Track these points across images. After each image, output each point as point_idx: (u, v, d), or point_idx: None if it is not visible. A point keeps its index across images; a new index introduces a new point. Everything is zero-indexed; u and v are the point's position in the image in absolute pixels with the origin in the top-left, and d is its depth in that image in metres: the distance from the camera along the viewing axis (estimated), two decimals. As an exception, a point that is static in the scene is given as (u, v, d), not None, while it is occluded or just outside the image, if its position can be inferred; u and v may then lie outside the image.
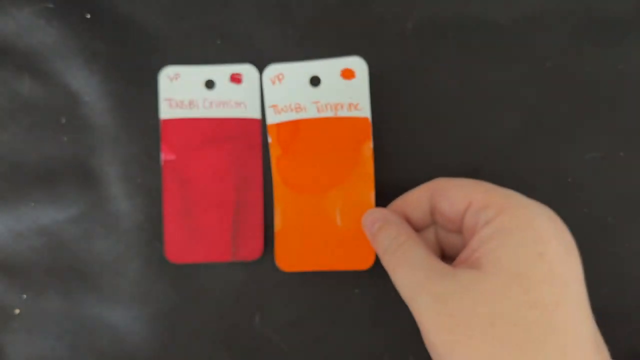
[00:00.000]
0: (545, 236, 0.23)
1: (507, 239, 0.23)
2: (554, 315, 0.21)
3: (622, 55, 0.32)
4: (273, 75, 0.31)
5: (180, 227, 0.33)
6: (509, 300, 0.22)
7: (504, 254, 0.22)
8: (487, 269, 0.23)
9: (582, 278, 0.23)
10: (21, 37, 0.33)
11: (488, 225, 0.24)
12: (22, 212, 0.33)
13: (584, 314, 0.22)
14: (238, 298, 0.33)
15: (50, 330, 0.34)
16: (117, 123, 0.33)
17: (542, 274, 0.22)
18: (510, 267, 0.22)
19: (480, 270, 0.23)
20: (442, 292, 0.23)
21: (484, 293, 0.22)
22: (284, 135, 0.32)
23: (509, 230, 0.23)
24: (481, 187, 0.25)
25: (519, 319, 0.21)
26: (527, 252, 0.22)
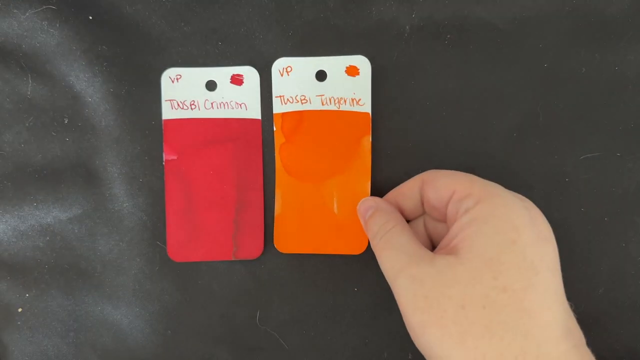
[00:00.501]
0: (519, 224, 0.24)
1: (483, 226, 0.24)
2: (523, 300, 0.22)
3: (620, 56, 0.32)
4: (282, 67, 0.32)
5: (182, 227, 0.33)
6: (480, 284, 0.23)
7: (478, 240, 0.24)
8: (462, 254, 0.24)
9: (556, 266, 0.24)
10: (24, 39, 0.33)
11: (467, 213, 0.25)
12: (25, 212, 0.34)
13: (554, 299, 0.23)
14: (239, 296, 0.34)
15: (53, 329, 0.34)
16: (120, 123, 0.33)
17: (513, 260, 0.23)
18: (484, 252, 0.23)
19: (456, 256, 0.24)
20: (419, 274, 0.24)
21: (457, 277, 0.23)
22: (288, 125, 0.33)
23: (485, 219, 0.24)
24: (465, 178, 0.26)
25: (488, 302, 0.22)
26: (500, 239, 0.23)
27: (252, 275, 0.33)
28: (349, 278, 0.33)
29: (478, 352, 0.22)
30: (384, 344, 0.33)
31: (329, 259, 0.33)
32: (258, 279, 0.33)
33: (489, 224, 0.24)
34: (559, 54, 0.32)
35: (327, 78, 0.32)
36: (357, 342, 0.33)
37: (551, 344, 0.22)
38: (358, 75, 0.32)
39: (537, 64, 0.33)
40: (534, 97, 0.33)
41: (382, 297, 0.33)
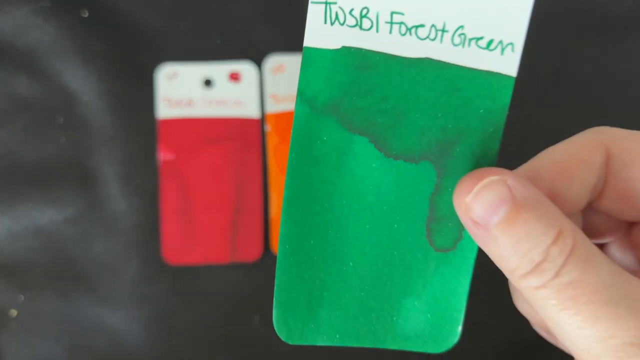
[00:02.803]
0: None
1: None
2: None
3: (623, 55, 0.33)
4: (274, 66, 0.32)
5: (178, 228, 0.33)
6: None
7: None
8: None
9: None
10: (18, 36, 0.33)
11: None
12: (19, 213, 0.33)
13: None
14: (237, 299, 0.33)
15: (47, 332, 0.34)
16: (115, 122, 0.33)
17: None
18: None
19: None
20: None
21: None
22: (282, 125, 0.32)
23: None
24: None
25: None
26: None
27: (251, 278, 0.33)
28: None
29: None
30: (386, 347, 0.33)
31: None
32: (257, 281, 0.33)
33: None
34: (563, 52, 0.33)
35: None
36: (358, 346, 0.33)
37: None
38: None
39: (542, 63, 0.33)
40: (537, 97, 0.33)
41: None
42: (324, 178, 0.17)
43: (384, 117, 0.17)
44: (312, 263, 0.18)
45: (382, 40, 0.16)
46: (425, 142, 0.17)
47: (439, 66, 0.16)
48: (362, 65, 0.17)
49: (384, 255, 0.18)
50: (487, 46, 0.16)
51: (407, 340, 0.18)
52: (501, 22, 0.16)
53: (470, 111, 0.17)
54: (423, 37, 0.16)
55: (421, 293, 0.18)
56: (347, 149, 0.17)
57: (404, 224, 0.18)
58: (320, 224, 0.18)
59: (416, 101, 0.17)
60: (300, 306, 0.19)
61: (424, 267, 0.18)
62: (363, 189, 0.17)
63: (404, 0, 0.16)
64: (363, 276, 0.18)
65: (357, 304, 0.18)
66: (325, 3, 0.16)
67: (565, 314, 0.14)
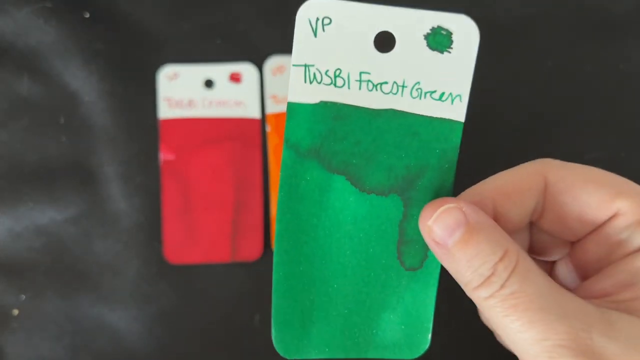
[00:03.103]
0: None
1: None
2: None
3: (623, 55, 0.32)
4: (274, 67, 0.32)
5: (179, 228, 0.33)
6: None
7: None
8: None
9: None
10: (20, 37, 0.33)
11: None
12: (20, 213, 0.33)
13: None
14: (238, 298, 0.33)
15: (49, 331, 0.34)
16: (116, 123, 0.33)
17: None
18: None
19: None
20: (598, 350, 0.15)
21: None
22: (282, 125, 0.32)
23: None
24: (634, 191, 0.18)
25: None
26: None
27: (251, 277, 0.33)
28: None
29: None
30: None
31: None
32: (257, 281, 0.33)
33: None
34: (563, 52, 0.33)
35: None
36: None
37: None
38: None
39: (541, 63, 0.32)
40: (537, 97, 0.33)
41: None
42: (309, 212, 0.20)
43: (357, 158, 0.20)
44: (302, 286, 0.21)
45: (353, 95, 0.19)
46: (393, 178, 0.20)
47: (401, 115, 0.20)
48: (337, 116, 0.20)
49: (362, 276, 0.20)
50: (439, 98, 0.19)
51: (385, 350, 0.21)
52: (450, 79, 0.19)
53: (428, 151, 0.20)
54: (387, 92, 0.19)
55: (395, 307, 0.21)
56: (328, 187, 0.20)
57: (378, 248, 0.20)
58: (308, 251, 0.20)
59: (383, 144, 0.20)
60: (294, 324, 0.21)
61: (397, 285, 0.20)
62: (342, 219, 0.20)
63: (370, 62, 0.19)
64: (346, 295, 0.21)
65: (342, 320, 0.21)
66: (305, 65, 0.20)
67: (508, 320, 0.16)
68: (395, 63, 0.19)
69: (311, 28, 0.20)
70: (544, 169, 0.20)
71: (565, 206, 0.19)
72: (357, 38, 0.19)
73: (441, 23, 0.19)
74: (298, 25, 0.20)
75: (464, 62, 0.19)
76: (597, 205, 0.18)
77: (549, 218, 0.20)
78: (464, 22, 0.20)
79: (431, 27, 0.19)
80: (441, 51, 0.19)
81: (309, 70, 0.20)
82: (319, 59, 0.19)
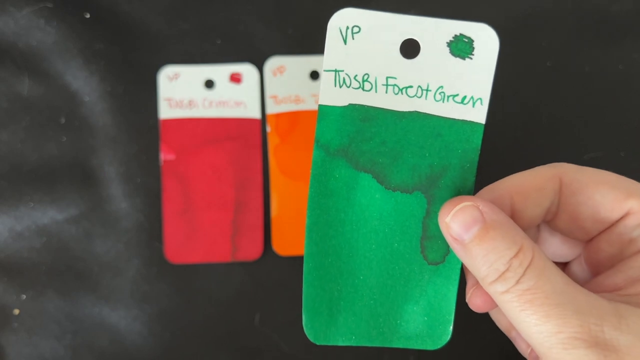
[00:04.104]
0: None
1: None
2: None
3: (623, 55, 0.32)
4: (274, 67, 0.32)
5: (179, 227, 0.33)
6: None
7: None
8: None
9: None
10: (21, 37, 0.33)
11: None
12: (21, 212, 0.33)
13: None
14: (238, 298, 0.33)
15: (49, 330, 0.34)
16: (117, 123, 0.33)
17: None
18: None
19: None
20: (610, 342, 0.16)
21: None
22: (282, 125, 0.33)
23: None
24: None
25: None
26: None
27: (251, 276, 0.33)
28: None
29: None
30: (385, 346, 0.33)
31: (329, 260, 0.33)
32: (257, 280, 0.33)
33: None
34: (562, 52, 0.33)
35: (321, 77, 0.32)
36: (358, 345, 0.33)
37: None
38: None
39: (540, 63, 0.33)
40: (537, 96, 0.33)
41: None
42: (337, 208, 0.21)
43: (383, 157, 0.21)
44: (330, 277, 0.22)
45: (380, 98, 0.21)
46: (417, 177, 0.21)
47: (425, 117, 0.21)
48: (365, 117, 0.21)
49: (387, 269, 0.22)
50: (461, 101, 0.20)
51: (409, 340, 0.22)
52: (471, 83, 0.20)
53: (451, 151, 0.21)
54: (412, 95, 0.21)
55: (418, 299, 0.22)
56: (355, 184, 0.21)
57: (403, 243, 0.21)
58: (336, 245, 0.22)
59: (408, 144, 0.21)
60: (323, 313, 0.22)
61: (420, 278, 0.22)
62: (368, 215, 0.21)
63: (396, 67, 0.20)
64: (371, 287, 0.22)
65: (367, 310, 0.22)
66: (335, 71, 0.21)
67: (524, 314, 0.17)
68: (419, 68, 0.21)
69: (341, 36, 0.21)
70: (559, 171, 0.20)
71: (579, 206, 0.20)
72: (384, 45, 0.20)
73: (463, 31, 0.21)
74: (329, 33, 0.20)
75: (484, 68, 0.21)
76: (610, 205, 0.19)
77: (563, 217, 0.21)
78: (485, 31, 0.21)
79: (454, 35, 0.21)
80: (463, 57, 0.21)
81: (339, 75, 0.21)
82: (349, 65, 0.21)
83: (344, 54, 0.21)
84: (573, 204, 0.20)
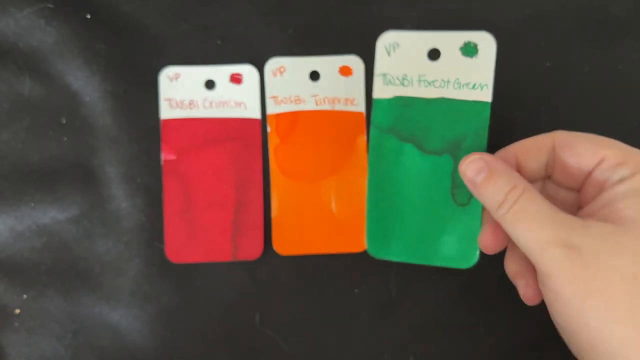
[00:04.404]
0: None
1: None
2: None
3: (623, 56, 0.32)
4: (275, 68, 0.33)
5: (180, 227, 0.33)
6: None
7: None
8: (626, 223, 0.23)
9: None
10: (21, 38, 0.33)
11: (623, 183, 0.24)
12: (22, 212, 0.33)
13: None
14: (238, 298, 0.34)
15: (50, 330, 0.34)
16: (118, 123, 0.33)
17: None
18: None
19: (616, 224, 0.23)
20: (575, 243, 0.22)
21: (624, 246, 0.22)
22: (282, 126, 0.33)
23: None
24: (614, 144, 0.25)
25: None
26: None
27: (252, 276, 0.33)
28: (349, 279, 0.33)
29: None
30: (385, 345, 0.33)
31: (328, 260, 0.33)
32: (257, 280, 0.34)
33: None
34: (562, 52, 0.33)
35: (321, 78, 0.33)
36: (358, 344, 0.33)
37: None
38: (351, 75, 0.32)
39: (539, 63, 0.33)
40: (536, 97, 0.33)
41: (382, 298, 0.33)
42: (389, 168, 0.30)
43: (420, 131, 0.30)
44: (385, 214, 0.30)
45: (415, 90, 0.30)
46: (445, 143, 0.30)
47: (448, 101, 0.30)
48: (405, 104, 0.30)
49: (427, 210, 0.30)
50: (473, 87, 0.29)
51: (445, 260, 0.30)
52: (479, 74, 0.29)
53: (467, 123, 0.29)
54: (437, 86, 0.30)
55: (451, 232, 0.30)
56: (401, 151, 0.30)
57: (437, 191, 0.30)
58: (389, 192, 0.30)
59: (437, 120, 0.30)
60: (380, 238, 0.30)
61: (452, 216, 0.29)
62: (411, 172, 0.30)
63: (424, 68, 0.30)
64: (415, 223, 0.30)
65: (413, 239, 0.30)
66: (383, 74, 0.30)
67: (517, 227, 0.24)
68: (441, 67, 0.30)
69: (386, 50, 0.30)
70: (553, 134, 0.27)
71: (567, 158, 0.26)
72: (415, 53, 0.30)
73: (470, 38, 0.30)
74: (378, 49, 0.30)
75: (487, 63, 0.29)
76: (589, 155, 0.25)
77: (557, 170, 0.27)
78: (485, 36, 0.30)
79: (463, 41, 0.30)
80: (471, 57, 0.29)
81: (386, 77, 0.30)
82: (392, 69, 0.30)
83: (388, 63, 0.30)
84: (563, 157, 0.26)
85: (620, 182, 0.24)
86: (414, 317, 0.33)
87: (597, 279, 0.22)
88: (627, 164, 0.24)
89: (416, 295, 0.33)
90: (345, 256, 0.33)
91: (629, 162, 0.24)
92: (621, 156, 0.24)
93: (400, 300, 0.33)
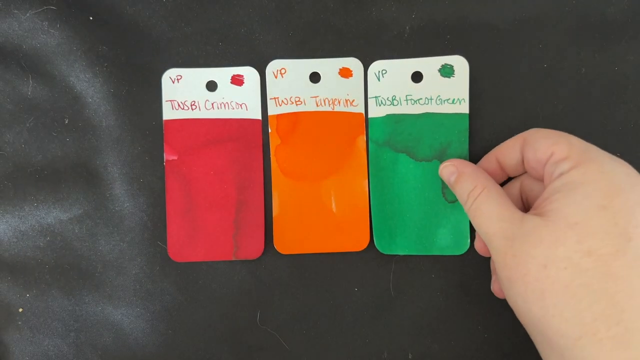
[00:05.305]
0: (613, 191, 0.24)
1: (572, 192, 0.25)
2: (610, 265, 0.23)
3: (620, 56, 0.32)
4: (275, 69, 0.33)
5: (182, 227, 0.33)
6: (563, 246, 0.24)
7: (565, 205, 0.25)
8: (549, 216, 0.25)
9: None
10: (25, 39, 0.33)
11: (560, 177, 0.26)
12: (26, 212, 0.34)
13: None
14: (240, 296, 0.34)
15: (53, 329, 0.34)
16: (120, 124, 0.33)
17: (602, 226, 0.24)
18: (569, 217, 0.24)
19: (543, 217, 0.25)
20: (510, 235, 0.26)
21: (541, 238, 0.24)
22: (283, 126, 0.33)
23: (575, 184, 0.25)
24: (565, 140, 0.26)
25: (570, 264, 0.24)
26: (588, 204, 0.24)
27: (253, 275, 0.34)
28: (349, 278, 0.33)
29: (556, 310, 0.24)
30: (384, 343, 0.33)
31: (329, 259, 0.33)
32: (258, 278, 0.34)
33: (578, 190, 0.25)
34: (559, 54, 0.33)
35: (321, 80, 0.33)
36: (357, 342, 0.33)
37: (637, 312, 0.22)
38: (351, 77, 0.33)
39: (537, 64, 0.33)
40: (534, 98, 0.33)
41: (382, 296, 0.33)
42: (388, 175, 0.33)
43: (411, 142, 0.33)
44: (388, 215, 0.33)
45: (404, 108, 0.33)
46: (433, 151, 0.33)
47: (432, 115, 0.33)
48: (396, 120, 0.33)
49: (423, 208, 0.33)
50: (452, 102, 0.33)
51: (442, 250, 0.33)
52: (456, 91, 0.33)
53: (450, 133, 0.33)
54: (422, 104, 0.33)
55: (445, 226, 0.33)
56: (396, 161, 0.33)
57: (430, 192, 0.33)
58: (390, 196, 0.33)
59: (425, 132, 0.33)
60: (386, 236, 0.33)
61: (444, 212, 0.33)
62: (407, 178, 0.33)
63: (410, 89, 0.33)
64: (414, 219, 0.33)
65: (413, 234, 0.33)
66: (376, 97, 0.33)
67: (475, 221, 0.28)
68: (424, 87, 0.33)
69: (376, 77, 0.33)
70: (525, 132, 0.29)
71: (529, 153, 0.28)
72: (401, 78, 0.33)
73: (446, 61, 0.33)
74: (369, 76, 0.33)
75: (462, 81, 0.33)
76: (543, 149, 0.27)
77: (528, 165, 0.29)
78: (459, 59, 0.32)
79: (441, 64, 0.33)
80: (449, 77, 0.33)
81: (378, 99, 0.33)
82: (382, 92, 0.33)
83: (379, 87, 0.33)
84: (528, 152, 0.28)
85: (558, 176, 0.26)
86: (413, 315, 0.33)
87: (519, 266, 0.25)
88: (569, 158, 0.26)
89: (415, 294, 0.33)
90: (345, 255, 0.33)
91: (572, 157, 0.26)
92: (567, 151, 0.26)
93: (399, 299, 0.33)
